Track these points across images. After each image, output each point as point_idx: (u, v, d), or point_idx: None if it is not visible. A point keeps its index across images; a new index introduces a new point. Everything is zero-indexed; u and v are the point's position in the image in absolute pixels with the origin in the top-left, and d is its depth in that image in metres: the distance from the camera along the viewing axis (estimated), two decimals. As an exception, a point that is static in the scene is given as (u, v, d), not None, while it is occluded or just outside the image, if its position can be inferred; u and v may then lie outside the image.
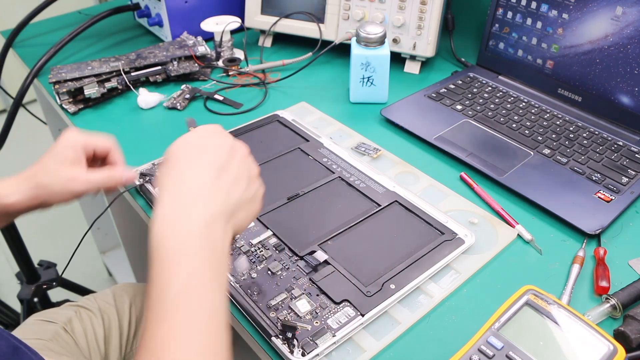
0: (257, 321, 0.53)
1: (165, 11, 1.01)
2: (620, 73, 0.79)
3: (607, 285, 0.57)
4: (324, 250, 0.60)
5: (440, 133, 0.80)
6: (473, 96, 0.88)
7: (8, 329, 1.30)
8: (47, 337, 0.77)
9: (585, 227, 0.64)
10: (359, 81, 0.86)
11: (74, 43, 1.04)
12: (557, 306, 0.52)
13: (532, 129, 0.80)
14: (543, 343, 0.49)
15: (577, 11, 0.82)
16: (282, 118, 0.83)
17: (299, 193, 0.68)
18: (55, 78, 0.86)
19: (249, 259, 0.59)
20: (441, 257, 0.59)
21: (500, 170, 0.73)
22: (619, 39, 0.78)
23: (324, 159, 0.75)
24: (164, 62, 0.93)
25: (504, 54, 0.93)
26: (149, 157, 0.75)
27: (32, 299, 1.16)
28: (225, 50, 0.99)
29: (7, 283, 1.64)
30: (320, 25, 1.00)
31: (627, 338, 0.51)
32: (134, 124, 0.85)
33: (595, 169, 0.73)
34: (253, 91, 0.93)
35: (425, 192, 0.70)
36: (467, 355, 0.49)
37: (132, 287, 0.94)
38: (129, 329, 0.86)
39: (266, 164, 0.74)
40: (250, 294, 0.56)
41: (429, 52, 0.95)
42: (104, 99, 0.90)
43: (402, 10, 0.93)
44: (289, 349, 0.50)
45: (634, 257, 0.62)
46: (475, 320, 0.54)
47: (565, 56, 0.85)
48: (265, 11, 1.03)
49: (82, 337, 0.80)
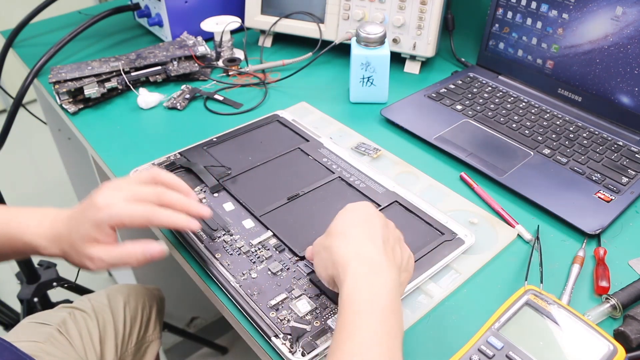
0: (257, 321, 0.53)
1: (165, 11, 1.01)
2: (620, 73, 0.79)
3: (607, 285, 0.57)
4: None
5: (440, 133, 0.80)
6: (473, 96, 0.88)
7: (8, 329, 1.30)
8: (42, 339, 0.77)
9: (585, 227, 0.64)
10: (359, 81, 0.86)
11: (74, 43, 1.04)
12: (557, 306, 0.52)
13: (532, 129, 0.80)
14: (543, 343, 0.49)
15: (577, 11, 0.82)
16: (282, 118, 0.83)
17: (299, 193, 0.68)
18: (55, 78, 0.86)
19: (249, 259, 0.60)
20: (441, 257, 0.59)
21: (500, 170, 0.73)
22: (619, 39, 0.78)
23: (324, 159, 0.75)
24: (164, 62, 0.93)
25: (504, 54, 0.93)
26: (149, 157, 0.75)
27: (32, 299, 1.15)
28: (225, 50, 0.99)
29: (7, 283, 1.64)
30: (320, 25, 1.00)
31: (627, 338, 0.51)
32: (134, 124, 0.85)
33: (595, 169, 0.73)
34: (253, 91, 0.93)
35: (425, 192, 0.70)
36: (467, 355, 0.49)
37: (126, 287, 0.94)
38: (124, 329, 0.86)
39: (266, 164, 0.74)
40: (251, 294, 0.56)
41: (429, 52, 0.95)
42: (104, 99, 0.90)
43: (402, 10, 0.93)
44: (289, 350, 0.50)
45: (634, 257, 0.62)
46: (475, 320, 0.54)
47: (565, 56, 0.85)
48: (265, 11, 1.03)
49: (77, 338, 0.80)
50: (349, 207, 0.53)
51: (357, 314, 0.44)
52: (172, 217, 0.55)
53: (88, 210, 0.53)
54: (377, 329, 0.43)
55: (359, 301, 0.45)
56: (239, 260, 0.59)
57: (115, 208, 0.53)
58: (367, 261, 0.47)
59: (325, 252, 0.50)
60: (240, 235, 0.62)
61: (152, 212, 0.54)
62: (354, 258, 0.47)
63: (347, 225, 0.51)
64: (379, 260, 0.47)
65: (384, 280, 0.46)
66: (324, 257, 0.50)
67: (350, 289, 0.46)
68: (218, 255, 0.60)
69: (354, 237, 0.49)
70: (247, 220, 0.65)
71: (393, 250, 0.50)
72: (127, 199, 0.54)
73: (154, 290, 0.99)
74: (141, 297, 0.93)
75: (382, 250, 0.48)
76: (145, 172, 0.58)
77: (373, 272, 0.47)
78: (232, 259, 0.59)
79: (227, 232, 0.63)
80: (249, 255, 0.60)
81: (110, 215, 0.52)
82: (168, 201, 0.55)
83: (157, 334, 0.94)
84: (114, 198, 0.53)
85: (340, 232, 0.50)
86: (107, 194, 0.54)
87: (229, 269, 0.58)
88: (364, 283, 0.46)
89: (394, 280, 0.47)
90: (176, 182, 0.59)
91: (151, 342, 0.92)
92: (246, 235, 0.63)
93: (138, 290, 0.95)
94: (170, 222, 0.55)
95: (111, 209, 0.52)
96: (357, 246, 0.48)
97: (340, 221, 0.51)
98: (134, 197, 0.54)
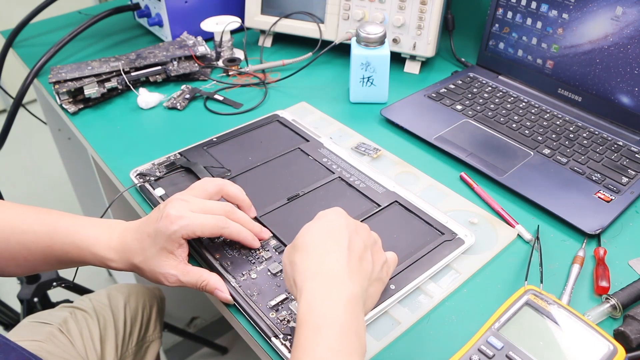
0: (257, 322, 0.53)
1: (165, 11, 1.01)
2: (620, 73, 0.79)
3: (607, 285, 0.57)
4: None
5: (440, 133, 0.80)
6: (473, 96, 0.88)
7: (8, 329, 1.30)
8: (43, 338, 0.77)
9: (585, 227, 0.64)
10: (359, 81, 0.86)
11: (74, 43, 1.04)
12: (557, 306, 0.52)
13: (532, 129, 0.80)
14: (543, 343, 0.49)
15: (577, 11, 0.82)
16: (282, 118, 0.83)
17: (299, 193, 0.68)
18: (55, 78, 0.86)
19: (249, 260, 0.60)
20: (441, 257, 0.59)
21: (500, 170, 0.73)
22: (619, 39, 0.78)
23: (324, 159, 0.75)
24: (164, 62, 0.93)
25: (504, 54, 0.93)
26: (149, 157, 0.76)
27: (32, 299, 1.16)
28: (225, 50, 0.99)
29: (7, 283, 1.64)
30: (320, 25, 1.00)
31: (627, 338, 0.51)
32: (134, 124, 0.85)
33: (595, 169, 0.73)
34: (253, 91, 0.93)
35: (425, 192, 0.70)
36: (467, 355, 0.49)
37: (127, 287, 0.94)
38: (124, 329, 0.86)
39: (266, 164, 0.74)
40: (251, 294, 0.56)
41: (429, 52, 0.95)
42: (104, 99, 0.90)
43: (402, 10, 0.93)
44: (289, 350, 0.50)
45: (634, 257, 0.62)
46: (475, 320, 0.54)
47: (565, 56, 0.85)
48: (265, 11, 1.03)
49: (78, 337, 0.80)
50: (317, 216, 0.52)
51: (313, 330, 0.43)
52: (243, 233, 0.58)
53: (160, 223, 0.54)
54: (333, 346, 0.41)
55: (317, 314, 0.43)
56: (238, 260, 0.59)
57: (187, 219, 0.53)
58: (326, 274, 0.46)
59: (289, 267, 0.49)
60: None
61: (225, 224, 0.56)
62: (314, 274, 0.46)
63: (311, 236, 0.49)
64: (340, 273, 0.46)
65: (345, 292, 0.45)
66: (288, 272, 0.49)
67: (306, 303, 0.44)
68: (218, 256, 0.60)
69: (316, 250, 0.48)
70: (247, 220, 0.65)
71: (361, 260, 0.49)
72: (197, 211, 0.55)
73: (155, 290, 0.99)
74: (142, 296, 0.93)
75: (345, 261, 0.47)
76: (211, 184, 0.59)
77: (332, 284, 0.45)
78: (231, 259, 0.59)
79: (227, 232, 0.63)
80: (248, 256, 0.60)
81: (183, 226, 0.53)
82: (235, 220, 0.58)
83: (157, 334, 0.94)
84: (186, 209, 0.54)
85: (303, 245, 0.49)
86: (178, 205, 0.54)
87: (229, 270, 0.58)
88: (321, 297, 0.44)
89: (355, 294, 0.45)
90: (241, 196, 0.61)
91: (152, 341, 0.92)
92: (246, 236, 0.62)
93: (139, 290, 0.95)
94: (240, 237, 0.58)
95: (184, 220, 0.53)
96: (318, 260, 0.47)
97: (306, 232, 0.50)
98: (203, 210, 0.55)
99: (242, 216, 0.59)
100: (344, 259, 0.47)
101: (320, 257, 0.47)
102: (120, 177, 0.74)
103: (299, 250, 0.49)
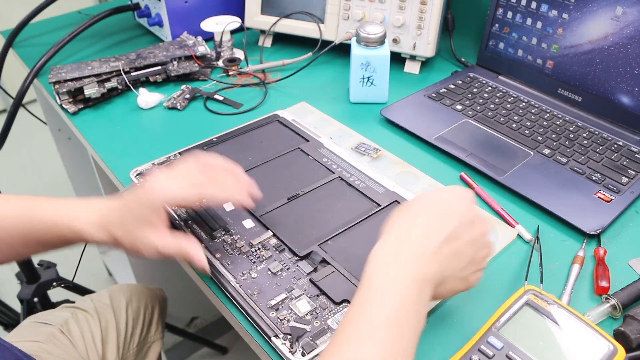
0: (257, 321, 0.53)
1: (165, 11, 1.01)
2: (620, 73, 0.79)
3: (607, 285, 0.57)
4: (324, 250, 0.60)
5: (440, 133, 0.80)
6: (473, 96, 0.88)
7: (8, 329, 1.30)
8: (43, 339, 0.77)
9: (585, 227, 0.64)
10: (359, 81, 0.86)
11: (74, 43, 1.04)
12: (557, 306, 0.52)
13: (532, 129, 0.80)
14: (543, 343, 0.49)
15: (577, 11, 0.82)
16: (282, 118, 0.83)
17: (299, 193, 0.68)
18: (55, 78, 0.86)
19: (249, 259, 0.60)
20: (441, 257, 0.59)
21: (500, 170, 0.73)
22: (619, 39, 0.78)
23: (324, 159, 0.75)
24: (164, 62, 0.93)
25: (504, 54, 0.93)
26: (149, 157, 0.76)
27: (32, 299, 1.15)
28: (225, 50, 0.99)
29: (7, 283, 1.64)
30: (320, 25, 1.00)
31: (627, 338, 0.51)
32: (134, 124, 0.85)
33: (595, 169, 0.73)
34: (253, 91, 0.93)
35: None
36: (467, 355, 0.49)
37: (128, 287, 0.94)
38: (126, 330, 0.86)
39: (266, 164, 0.74)
40: (251, 294, 0.56)
41: (429, 52, 0.95)
42: (104, 99, 0.90)
43: (402, 10, 0.93)
44: (289, 350, 0.50)
45: (634, 257, 0.62)
46: (475, 320, 0.54)
47: (565, 56, 0.85)
48: (265, 11, 1.03)
49: (79, 338, 0.80)
50: (439, 189, 0.50)
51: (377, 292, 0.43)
52: (226, 194, 0.57)
53: (141, 194, 0.54)
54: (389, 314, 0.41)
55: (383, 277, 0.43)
56: (239, 260, 0.59)
57: (166, 186, 0.54)
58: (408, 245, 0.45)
59: (395, 215, 0.48)
60: (240, 235, 0.62)
61: (206, 190, 0.56)
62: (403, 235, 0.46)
63: (423, 207, 0.48)
64: (427, 252, 0.45)
65: (422, 272, 0.44)
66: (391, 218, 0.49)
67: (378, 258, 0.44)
68: (218, 255, 0.60)
69: (423, 217, 0.47)
70: (247, 220, 0.65)
71: (456, 253, 0.46)
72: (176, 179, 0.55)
73: (157, 290, 0.99)
74: (143, 297, 0.93)
75: (437, 245, 0.45)
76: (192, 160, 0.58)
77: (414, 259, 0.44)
78: (232, 258, 0.59)
79: (227, 232, 0.63)
80: (249, 255, 0.60)
81: (166, 196, 0.54)
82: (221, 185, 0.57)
83: (159, 335, 0.93)
84: (164, 177, 0.55)
85: (417, 207, 0.48)
86: (160, 177, 0.55)
87: (229, 269, 0.58)
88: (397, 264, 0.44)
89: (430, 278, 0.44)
90: (224, 165, 0.60)
91: (153, 342, 0.92)
92: (246, 235, 0.63)
93: (140, 290, 0.94)
94: (224, 199, 0.57)
95: (162, 187, 0.54)
96: (414, 226, 0.46)
97: (420, 200, 0.49)
98: (182, 177, 0.56)
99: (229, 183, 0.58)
100: (438, 242, 0.45)
101: (419, 230, 0.46)
102: (120, 177, 0.74)
103: (405, 210, 0.48)
